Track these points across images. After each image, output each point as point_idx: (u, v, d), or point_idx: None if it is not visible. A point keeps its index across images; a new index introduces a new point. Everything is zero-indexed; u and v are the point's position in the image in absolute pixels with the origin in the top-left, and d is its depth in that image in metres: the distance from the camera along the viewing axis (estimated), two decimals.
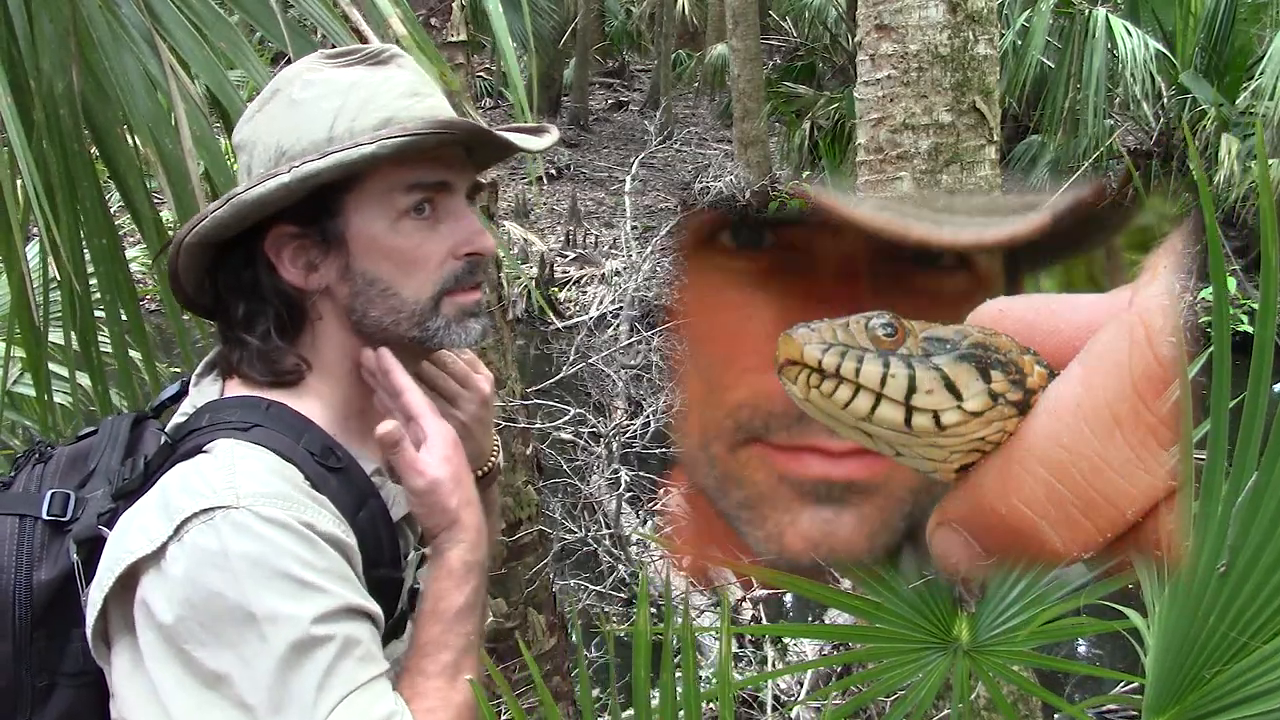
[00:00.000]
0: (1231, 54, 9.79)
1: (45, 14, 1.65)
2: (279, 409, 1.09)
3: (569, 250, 11.69)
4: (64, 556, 1.06)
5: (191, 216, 1.13)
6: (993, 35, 3.15)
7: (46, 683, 1.07)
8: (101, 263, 1.81)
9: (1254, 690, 0.87)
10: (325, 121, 1.08)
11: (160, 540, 0.97)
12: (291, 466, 1.05)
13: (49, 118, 1.66)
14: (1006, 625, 1.17)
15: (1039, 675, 1.96)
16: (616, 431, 4.91)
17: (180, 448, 1.06)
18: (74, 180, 1.72)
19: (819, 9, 12.56)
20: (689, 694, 1.11)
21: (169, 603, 0.96)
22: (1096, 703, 3.29)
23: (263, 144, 1.10)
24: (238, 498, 0.98)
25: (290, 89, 1.11)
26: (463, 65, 3.24)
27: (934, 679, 1.18)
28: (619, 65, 21.55)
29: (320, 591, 0.97)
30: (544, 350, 8.41)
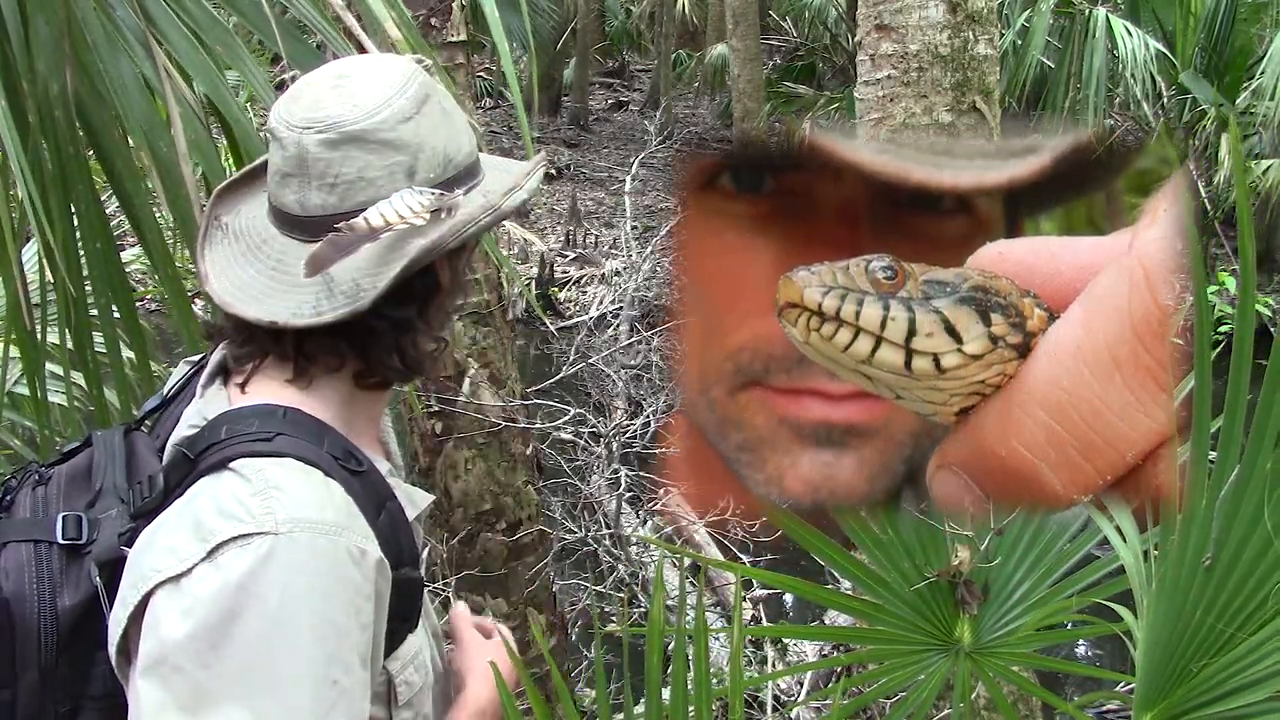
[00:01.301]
0: (1231, 54, 9.77)
1: (40, 16, 1.65)
2: (295, 414, 1.07)
3: (569, 250, 11.69)
4: (86, 580, 1.05)
5: (189, 220, 1.12)
6: (993, 35, 3.15)
7: (70, 707, 1.06)
8: (97, 265, 1.81)
9: (1241, 681, 0.87)
10: (468, 135, 1.13)
11: (190, 561, 0.96)
12: (326, 478, 1.03)
13: (44, 120, 1.67)
14: (1009, 628, 1.18)
15: (1038, 675, 1.96)
16: (616, 431, 4.90)
17: (200, 463, 1.04)
18: (69, 183, 1.72)
19: (819, 9, 12.55)
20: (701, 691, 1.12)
21: (185, 619, 0.95)
22: (1091, 699, 3.28)
23: (430, 148, 1.09)
24: (276, 524, 0.97)
25: (437, 96, 1.12)
26: (463, 65, 3.25)
27: (935, 680, 1.18)
28: (619, 65, 21.55)
29: (342, 634, 0.97)
30: (544, 350, 8.40)
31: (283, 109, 1.10)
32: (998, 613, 1.20)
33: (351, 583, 0.98)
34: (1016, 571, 1.21)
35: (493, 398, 3.25)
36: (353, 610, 0.98)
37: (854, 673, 1.45)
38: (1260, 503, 0.82)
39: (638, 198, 9.10)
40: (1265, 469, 0.81)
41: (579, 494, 4.63)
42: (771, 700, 3.86)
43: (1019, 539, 1.22)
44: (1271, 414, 0.79)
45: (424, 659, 1.15)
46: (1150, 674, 0.91)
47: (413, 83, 1.10)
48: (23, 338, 1.93)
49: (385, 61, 1.14)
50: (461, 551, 3.25)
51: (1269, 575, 0.85)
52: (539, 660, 3.11)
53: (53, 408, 2.39)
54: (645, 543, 4.78)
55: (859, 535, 1.21)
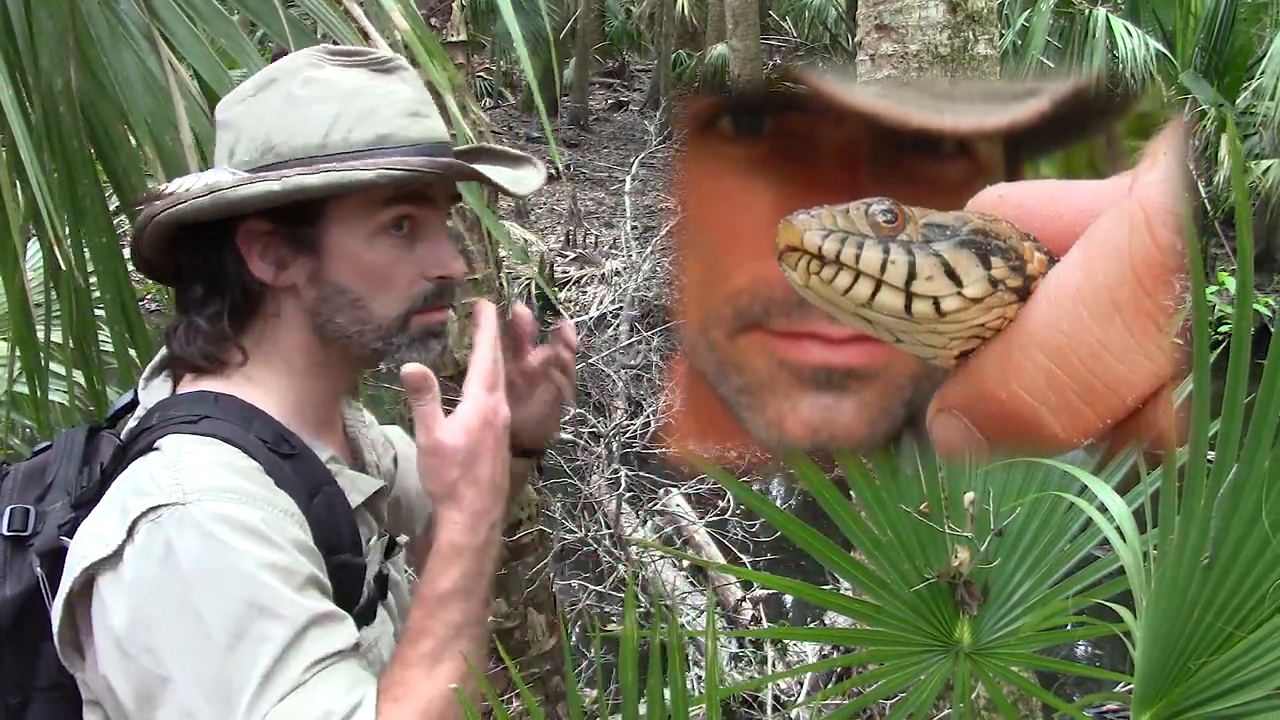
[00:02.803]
0: (1231, 54, 9.78)
1: (44, 10, 1.65)
2: (228, 400, 1.09)
3: (569, 250, 11.68)
4: (28, 571, 1.06)
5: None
6: (993, 35, 3.15)
7: (20, 699, 1.07)
8: (101, 261, 1.81)
9: (1240, 679, 0.88)
10: (321, 126, 1.07)
11: (115, 544, 0.97)
12: (244, 455, 1.04)
13: (48, 115, 1.67)
14: (1009, 628, 1.18)
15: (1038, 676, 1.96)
16: (616, 431, 4.91)
17: (132, 449, 1.06)
18: (73, 178, 1.72)
19: (819, 9, 12.56)
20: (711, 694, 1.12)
21: (120, 606, 0.96)
22: (1092, 700, 3.29)
23: (251, 131, 1.09)
24: (184, 494, 0.98)
25: (291, 83, 1.09)
26: (463, 65, 3.25)
27: (935, 681, 1.19)
28: (619, 65, 21.55)
29: (265, 586, 0.96)
30: None
31: None
32: (998, 613, 1.20)
33: (270, 542, 0.98)
34: (1016, 572, 1.21)
35: None
36: (275, 569, 0.97)
37: (854, 674, 1.45)
38: (1259, 501, 0.82)
39: (638, 198, 9.10)
40: (1264, 467, 0.81)
41: (579, 494, 4.63)
42: (771, 700, 3.86)
43: (1019, 539, 1.22)
44: (1269, 412, 0.79)
45: (380, 652, 1.14)
46: (1149, 672, 0.91)
47: (271, 69, 1.11)
48: (24, 335, 1.93)
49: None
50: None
51: (1267, 573, 0.85)
52: (539, 660, 3.11)
53: (53, 406, 2.38)
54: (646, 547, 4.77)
55: (858, 536, 1.21)
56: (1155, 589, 0.88)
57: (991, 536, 1.20)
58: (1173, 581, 0.87)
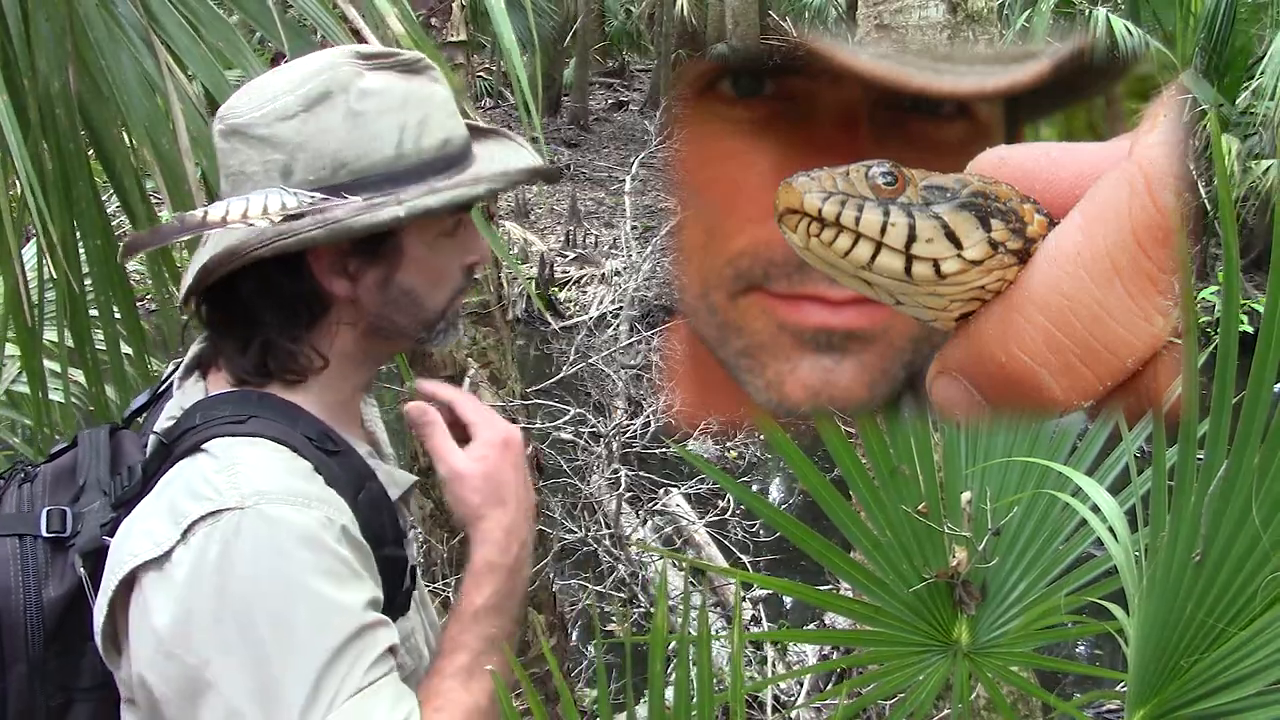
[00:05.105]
0: (1231, 54, 9.78)
1: (41, 13, 1.65)
2: (270, 399, 1.10)
3: (569, 250, 11.69)
4: (70, 571, 1.07)
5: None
6: (993, 35, 3.16)
7: (62, 700, 1.08)
8: (96, 263, 1.81)
9: (1232, 676, 0.88)
10: (391, 139, 1.08)
11: (167, 545, 0.98)
12: (295, 455, 1.05)
13: (45, 117, 1.67)
14: (1006, 627, 1.18)
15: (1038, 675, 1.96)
16: (616, 431, 4.91)
17: (176, 448, 1.06)
18: (69, 180, 1.73)
19: (819, 9, 12.58)
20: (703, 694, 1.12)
21: (166, 605, 0.97)
22: (1091, 699, 3.29)
23: (314, 149, 1.07)
24: (242, 498, 0.99)
25: (345, 96, 1.08)
26: (463, 65, 3.26)
27: (934, 681, 1.19)
28: (619, 65, 21.56)
29: (318, 595, 0.98)
30: (544, 350, 8.41)
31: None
32: (996, 613, 1.20)
33: (326, 548, 1.00)
34: (1014, 572, 1.21)
35: (493, 397, 3.25)
36: (330, 575, 0.99)
37: (854, 674, 1.45)
38: (1248, 498, 0.83)
39: (638, 198, 9.09)
40: (1252, 464, 0.81)
41: (579, 494, 4.63)
42: (771, 701, 3.87)
43: (1016, 539, 1.22)
44: (1257, 410, 0.79)
45: (416, 642, 1.17)
46: (1142, 671, 0.92)
47: (313, 80, 1.08)
48: (23, 335, 1.93)
49: (308, 58, 1.12)
50: (462, 551, 3.25)
51: (1257, 570, 0.85)
52: (539, 660, 3.12)
53: (52, 406, 2.39)
54: (645, 549, 4.78)
55: (857, 537, 1.21)
56: (1147, 587, 0.89)
57: (989, 536, 1.20)
58: (1164, 579, 0.88)
